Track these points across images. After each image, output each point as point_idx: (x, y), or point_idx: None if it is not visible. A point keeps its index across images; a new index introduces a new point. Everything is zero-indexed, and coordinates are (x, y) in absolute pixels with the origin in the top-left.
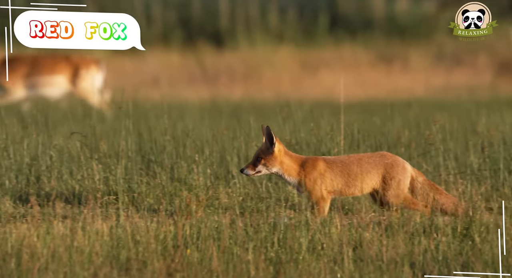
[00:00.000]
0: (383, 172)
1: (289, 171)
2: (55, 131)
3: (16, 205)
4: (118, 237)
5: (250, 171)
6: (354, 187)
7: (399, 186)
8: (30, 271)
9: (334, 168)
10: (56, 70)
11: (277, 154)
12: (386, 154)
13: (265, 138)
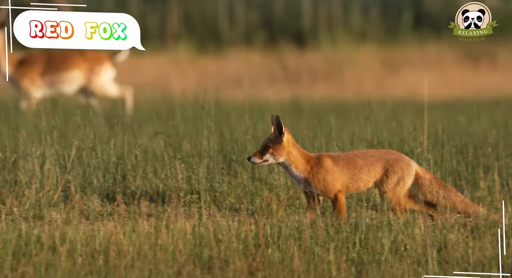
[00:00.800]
0: (386, 166)
1: (295, 162)
2: (140, 131)
3: (104, 203)
4: (200, 236)
5: (257, 159)
6: (360, 180)
7: (399, 182)
8: (117, 268)
9: (339, 162)
10: (72, 66)
11: (285, 144)
12: (392, 151)
13: (274, 127)
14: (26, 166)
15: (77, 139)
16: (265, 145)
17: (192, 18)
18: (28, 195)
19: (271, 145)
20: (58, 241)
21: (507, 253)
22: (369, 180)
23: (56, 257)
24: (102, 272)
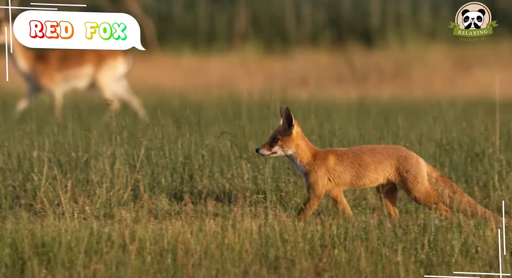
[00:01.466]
0: (396, 164)
1: (302, 155)
2: (207, 131)
3: (171, 202)
4: (266, 235)
5: (266, 151)
6: (365, 177)
7: (417, 179)
8: (185, 266)
9: (344, 159)
10: (84, 61)
11: (294, 136)
12: (401, 147)
13: (283, 119)
14: (97, 165)
15: (146, 139)
16: (274, 137)
17: (259, 18)
18: (99, 194)
19: (280, 137)
20: (128, 239)
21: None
22: (376, 177)
23: (126, 255)
24: (171, 270)
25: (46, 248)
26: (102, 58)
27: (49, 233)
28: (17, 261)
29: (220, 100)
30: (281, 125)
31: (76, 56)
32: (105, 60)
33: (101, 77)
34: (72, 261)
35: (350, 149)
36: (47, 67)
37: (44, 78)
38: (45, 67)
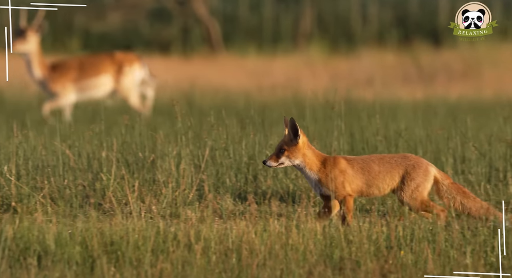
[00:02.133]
0: (403, 173)
1: (310, 164)
2: (271, 132)
3: (236, 202)
4: (331, 236)
5: (273, 162)
6: (374, 187)
7: (418, 188)
8: (249, 266)
9: (355, 166)
10: (102, 70)
11: (300, 146)
12: (410, 155)
13: (289, 130)
14: (163, 165)
15: (211, 139)
16: (280, 148)
17: (324, 18)
18: (165, 193)
19: (286, 148)
20: (193, 239)
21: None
22: (384, 187)
23: (191, 254)
24: (235, 270)
25: (114, 247)
26: (119, 66)
27: (117, 231)
28: (87, 259)
29: (285, 100)
30: (286, 135)
31: (93, 66)
32: (122, 68)
33: (122, 86)
34: (139, 259)
35: (359, 156)
36: (63, 76)
37: (57, 86)
38: (59, 76)
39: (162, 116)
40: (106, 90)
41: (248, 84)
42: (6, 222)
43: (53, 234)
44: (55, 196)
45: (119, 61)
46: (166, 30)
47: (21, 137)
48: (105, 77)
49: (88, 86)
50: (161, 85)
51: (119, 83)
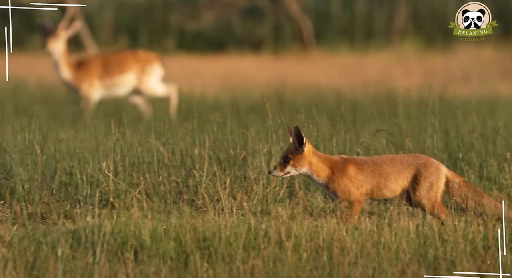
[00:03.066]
0: (415, 172)
1: (317, 171)
2: (362, 129)
3: (326, 200)
4: (424, 235)
5: (279, 172)
6: (385, 188)
7: (432, 187)
8: (341, 264)
9: (365, 168)
10: (125, 68)
11: (306, 154)
12: (420, 155)
13: (293, 138)
14: (254, 162)
15: None
16: (286, 157)
17: (420, 14)
18: (256, 190)
19: (292, 156)
20: (284, 236)
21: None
22: (396, 188)
23: (282, 251)
24: (327, 268)
25: (207, 243)
26: (141, 64)
27: (210, 228)
28: (181, 254)
29: (377, 97)
30: (291, 144)
31: (117, 64)
32: (144, 67)
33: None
34: (231, 255)
35: (370, 158)
36: (88, 74)
37: (84, 85)
38: (86, 74)
39: (253, 114)
40: (128, 88)
41: (339, 81)
42: (105, 217)
43: (149, 229)
44: (150, 192)
45: (142, 60)
46: (258, 28)
47: (118, 135)
48: (130, 75)
49: (112, 83)
50: (252, 83)
51: (143, 82)
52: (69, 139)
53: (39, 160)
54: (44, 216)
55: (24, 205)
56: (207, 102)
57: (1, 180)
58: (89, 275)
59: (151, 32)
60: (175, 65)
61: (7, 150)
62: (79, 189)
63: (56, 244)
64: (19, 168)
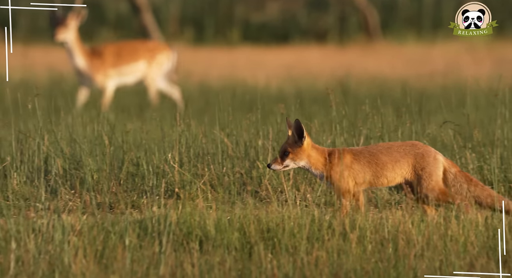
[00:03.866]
0: (413, 162)
1: (315, 164)
2: (429, 120)
3: (391, 191)
4: (494, 228)
5: (278, 165)
6: (383, 177)
7: (432, 177)
8: (406, 256)
9: (361, 158)
10: (137, 57)
11: (305, 148)
12: (417, 143)
13: (293, 131)
14: None
15: (366, 128)
16: (284, 150)
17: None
18: (319, 182)
19: (291, 150)
20: (348, 227)
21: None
22: (394, 177)
23: (347, 243)
24: (392, 260)
25: (271, 234)
26: (153, 54)
27: (273, 219)
28: (245, 245)
29: (444, 88)
30: (290, 137)
31: (129, 52)
32: (155, 55)
33: (151, 73)
34: (295, 247)
35: (366, 148)
36: (103, 63)
37: (99, 74)
38: (100, 63)
39: (317, 105)
40: (139, 77)
41: (405, 72)
42: (170, 207)
43: (213, 220)
44: (215, 183)
45: (152, 49)
46: (323, 19)
47: (184, 126)
48: (141, 64)
49: (124, 72)
50: (317, 74)
51: (149, 70)
52: (136, 130)
53: (108, 150)
54: (112, 205)
55: (93, 194)
56: (271, 94)
57: (71, 170)
58: (155, 265)
59: (216, 24)
60: (240, 57)
61: (77, 140)
62: (146, 179)
63: (124, 234)
64: (89, 159)
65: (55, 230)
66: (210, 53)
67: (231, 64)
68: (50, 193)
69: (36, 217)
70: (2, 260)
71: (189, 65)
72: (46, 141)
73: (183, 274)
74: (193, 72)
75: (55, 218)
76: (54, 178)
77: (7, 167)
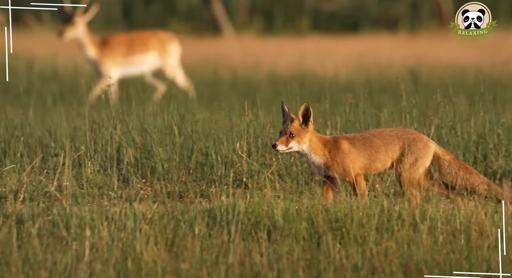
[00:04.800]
0: (403, 145)
1: (315, 149)
2: (504, 109)
3: None
4: None
5: (284, 146)
6: (377, 161)
7: (416, 163)
8: (479, 248)
9: (356, 144)
10: (148, 47)
11: (309, 131)
12: (410, 130)
13: (301, 114)
14: None
15: (437, 118)
16: (290, 133)
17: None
18: (389, 172)
19: (296, 132)
20: (418, 218)
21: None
22: (386, 160)
23: (417, 234)
24: (464, 251)
25: (339, 224)
26: (163, 45)
27: (342, 209)
28: (313, 235)
29: None
30: (294, 120)
31: (140, 42)
32: (166, 46)
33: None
34: (364, 237)
35: (358, 133)
36: (113, 52)
37: (107, 60)
38: (111, 52)
39: (386, 94)
40: (150, 68)
41: (479, 60)
42: (239, 196)
43: (281, 209)
44: (283, 173)
45: (163, 40)
46: (394, 7)
47: (252, 116)
48: (152, 54)
49: (136, 62)
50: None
51: (165, 62)
52: (205, 120)
53: (177, 140)
54: (182, 194)
55: (164, 183)
56: (340, 83)
57: (143, 159)
58: (224, 253)
59: (286, 14)
60: (309, 46)
61: (148, 130)
62: (214, 169)
63: (193, 222)
64: (159, 148)
65: (127, 218)
66: (279, 43)
67: (300, 53)
68: (122, 182)
69: (109, 205)
70: (77, 247)
71: (258, 55)
72: (118, 130)
73: (251, 263)
74: (262, 62)
75: (127, 206)
76: (126, 167)
77: (82, 156)
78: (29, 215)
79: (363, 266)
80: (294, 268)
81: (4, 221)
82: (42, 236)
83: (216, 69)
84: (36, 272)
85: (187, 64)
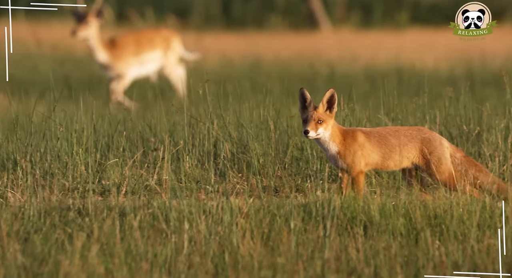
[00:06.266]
0: (420, 147)
1: (334, 136)
2: None
3: None
4: None
5: (314, 132)
6: (390, 159)
7: (441, 161)
8: None
9: (371, 139)
10: (155, 45)
11: (332, 117)
12: (423, 129)
13: (325, 101)
14: (490, 138)
15: None
16: (318, 119)
17: None
18: (491, 167)
19: (323, 119)
20: None
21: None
22: (401, 160)
23: None
24: None
25: (438, 220)
26: (167, 42)
27: (441, 205)
28: (411, 231)
29: None
30: (318, 107)
31: (147, 40)
32: (169, 43)
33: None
34: (464, 234)
35: (375, 129)
36: (124, 52)
37: (120, 62)
38: (122, 53)
39: (489, 87)
40: (157, 66)
41: None
42: (334, 191)
43: (378, 205)
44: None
45: (166, 37)
46: None
47: (348, 110)
48: (157, 52)
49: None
50: (491, 55)
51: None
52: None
53: (273, 135)
54: (277, 189)
55: (259, 178)
56: (440, 77)
57: (239, 154)
58: (320, 248)
59: (384, 7)
60: (408, 39)
61: (244, 125)
62: (310, 163)
63: (289, 217)
64: (255, 143)
65: (224, 212)
66: (377, 37)
67: (399, 47)
68: (219, 176)
69: (206, 199)
70: (176, 240)
71: (355, 49)
72: (215, 125)
73: (347, 259)
74: (359, 56)
75: (224, 200)
76: (222, 161)
77: (180, 151)
78: (131, 208)
79: (464, 264)
80: (391, 264)
81: (108, 213)
82: (143, 228)
83: (313, 64)
84: (138, 264)
85: (284, 59)
